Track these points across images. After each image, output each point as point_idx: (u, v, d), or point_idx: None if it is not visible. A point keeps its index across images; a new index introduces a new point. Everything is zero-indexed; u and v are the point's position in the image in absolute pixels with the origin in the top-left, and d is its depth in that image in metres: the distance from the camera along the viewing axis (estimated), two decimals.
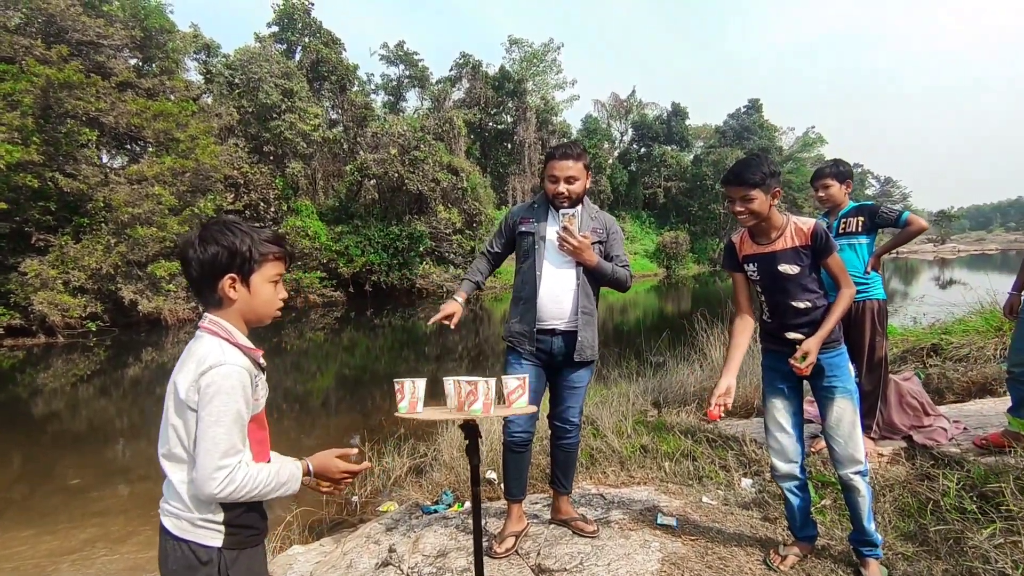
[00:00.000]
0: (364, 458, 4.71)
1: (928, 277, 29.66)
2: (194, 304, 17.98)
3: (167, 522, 1.26)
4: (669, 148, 50.49)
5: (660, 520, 2.69)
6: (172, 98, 19.36)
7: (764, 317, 2.33)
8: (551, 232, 2.51)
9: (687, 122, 52.33)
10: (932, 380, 4.56)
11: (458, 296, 2.59)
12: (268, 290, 1.35)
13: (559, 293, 2.50)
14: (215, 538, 1.24)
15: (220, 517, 1.25)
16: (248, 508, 1.30)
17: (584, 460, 3.60)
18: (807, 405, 3.70)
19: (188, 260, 1.28)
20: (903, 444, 3.23)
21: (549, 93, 42.03)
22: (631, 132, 52.83)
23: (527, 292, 2.54)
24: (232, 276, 1.28)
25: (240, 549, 1.28)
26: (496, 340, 14.19)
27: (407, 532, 2.84)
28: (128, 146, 20.16)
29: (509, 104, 38.65)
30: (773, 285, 2.22)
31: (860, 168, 68.78)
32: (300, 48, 28.35)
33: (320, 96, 28.19)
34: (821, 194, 3.38)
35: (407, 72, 38.59)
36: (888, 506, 2.65)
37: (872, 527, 2.18)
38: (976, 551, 2.18)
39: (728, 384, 2.18)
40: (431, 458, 4.46)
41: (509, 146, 39.32)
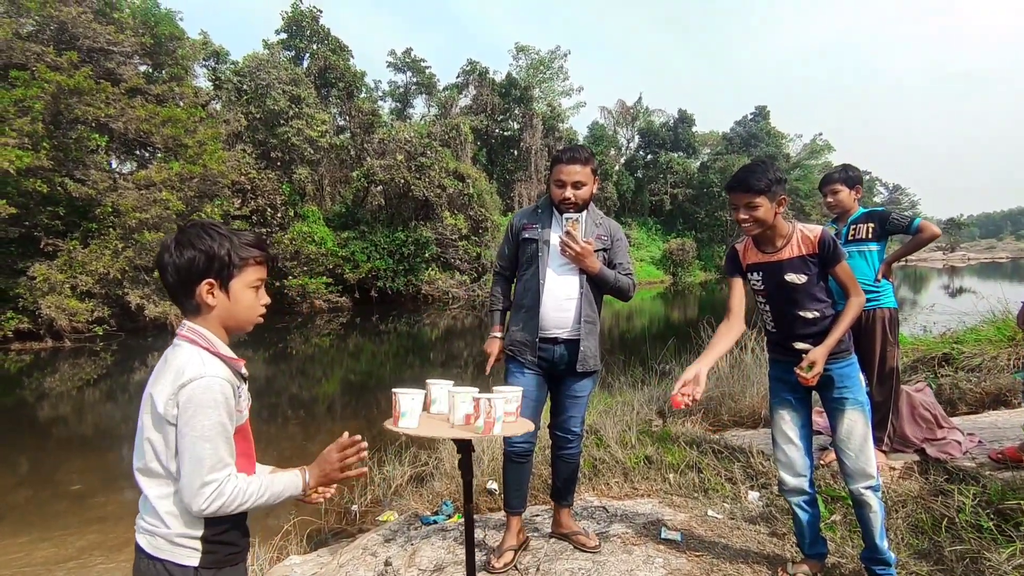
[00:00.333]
0: (365, 466, 4.66)
1: (938, 285, 29.37)
2: None
3: (142, 540, 1.20)
4: (676, 155, 50.43)
5: (664, 534, 2.61)
6: (181, 104, 19.49)
7: (768, 327, 2.26)
8: (555, 238, 2.46)
9: (694, 129, 52.29)
10: (944, 391, 4.47)
11: (495, 332, 2.59)
12: (249, 296, 1.28)
13: (562, 301, 2.45)
14: (192, 557, 1.18)
15: (198, 534, 1.19)
16: (230, 525, 1.24)
17: (587, 471, 3.52)
18: (816, 416, 3.62)
19: (164, 265, 1.22)
20: (916, 457, 3.14)
21: (556, 100, 42.16)
22: (637, 139, 52.82)
23: (530, 300, 2.48)
24: (210, 282, 1.22)
25: (218, 568, 1.21)
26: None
27: (404, 544, 2.78)
28: (137, 152, 20.33)
29: (516, 111, 38.72)
30: (779, 295, 2.15)
31: (869, 175, 68.46)
32: (308, 55, 28.54)
33: (327, 102, 28.34)
34: (830, 199, 3.30)
35: (414, 79, 38.80)
36: (901, 522, 2.57)
37: (885, 544, 2.11)
38: (995, 572, 2.09)
39: (696, 371, 2.02)
40: (432, 467, 4.40)
41: (515, 153, 39.36)
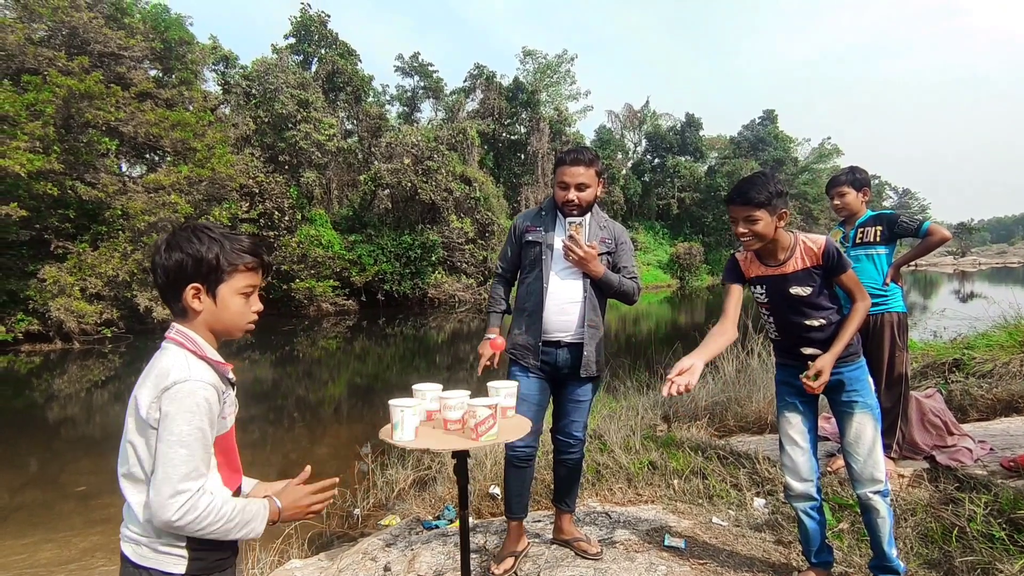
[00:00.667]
0: (368, 470, 4.65)
1: (948, 290, 29.09)
2: None
3: (127, 548, 1.17)
4: (683, 159, 50.29)
5: (668, 542, 2.57)
6: (190, 108, 19.67)
7: (773, 336, 2.23)
8: (558, 241, 2.43)
9: (701, 133, 52.15)
10: (954, 397, 4.40)
11: (491, 334, 2.53)
12: (237, 303, 1.27)
13: (566, 305, 2.42)
14: (179, 564, 1.15)
15: (184, 541, 1.15)
16: None
17: (590, 476, 3.49)
18: (823, 422, 3.56)
19: (154, 266, 1.21)
20: (925, 465, 3.09)
21: (563, 104, 42.12)
22: (644, 143, 52.74)
23: (532, 303, 2.46)
24: (196, 286, 1.21)
25: (207, 575, 1.19)
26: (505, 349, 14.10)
27: (405, 549, 2.75)
28: (146, 155, 20.51)
29: (523, 115, 38.79)
30: (784, 307, 2.12)
31: (877, 180, 67.99)
32: (316, 59, 28.74)
33: (335, 107, 28.50)
34: (837, 202, 3.26)
35: (422, 83, 38.93)
36: (910, 531, 2.52)
37: (893, 552, 2.07)
38: None
39: (693, 362, 1.91)
40: (435, 471, 4.38)
41: (522, 156, 39.39)
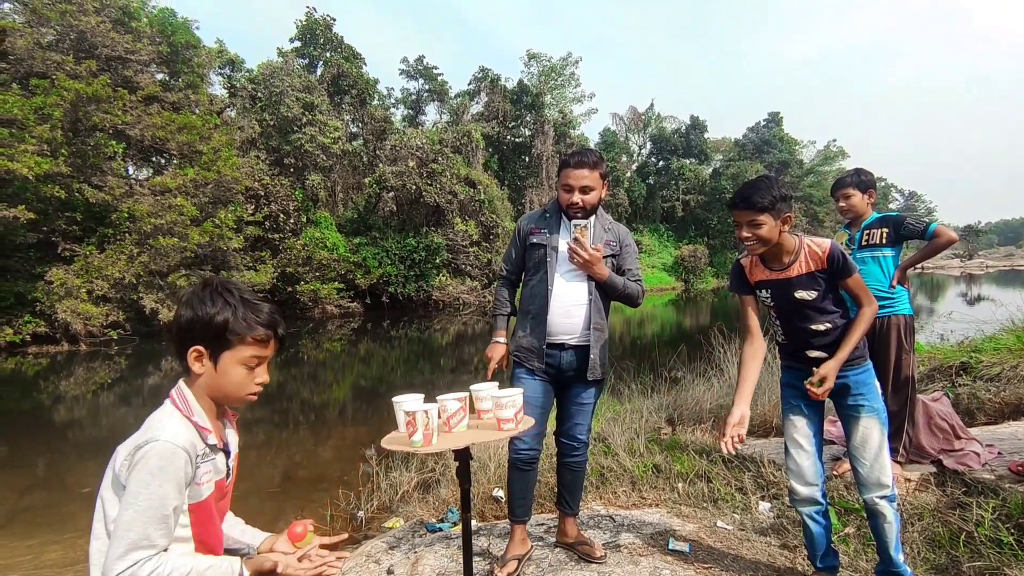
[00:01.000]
0: (372, 472, 4.64)
1: (955, 293, 28.88)
2: None
3: None
4: (688, 161, 50.25)
5: (672, 545, 2.56)
6: (196, 111, 19.79)
7: (779, 339, 2.22)
8: (563, 244, 2.43)
9: (706, 135, 52.07)
10: (962, 400, 4.36)
11: (498, 337, 2.56)
12: (239, 373, 1.20)
13: (570, 307, 2.42)
14: None
15: None
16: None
17: (594, 479, 3.47)
18: (828, 425, 3.54)
19: (175, 316, 1.19)
20: (932, 469, 3.06)
21: (567, 107, 42.13)
22: (649, 145, 52.71)
23: (537, 306, 2.45)
24: (198, 349, 1.17)
25: None
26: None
27: (408, 552, 2.75)
28: (153, 158, 20.63)
29: (527, 117, 38.82)
30: (790, 311, 2.11)
31: (884, 182, 67.72)
32: (322, 63, 28.86)
33: (340, 109, 28.60)
34: (842, 204, 3.24)
35: (426, 86, 39.04)
36: (917, 536, 2.49)
37: (900, 558, 2.04)
38: None
39: (742, 413, 2.06)
40: (439, 473, 4.37)
41: (527, 159, 39.40)
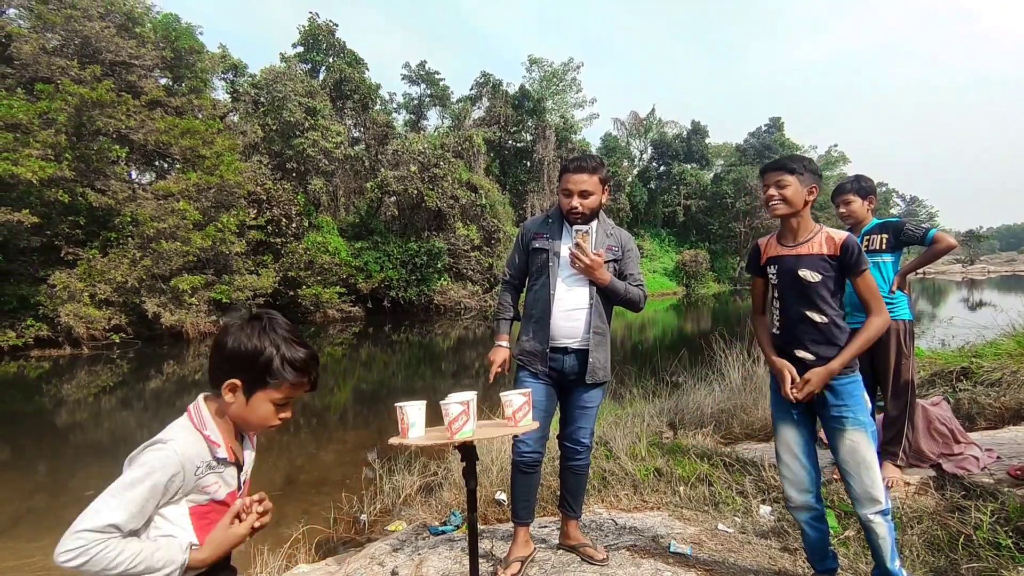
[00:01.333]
0: (375, 476, 4.67)
1: (957, 298, 28.88)
2: (215, 318, 18.27)
3: None
4: (689, 166, 50.37)
5: (673, 548, 2.58)
6: (199, 116, 19.88)
7: (774, 330, 2.20)
8: (565, 249, 2.46)
9: (707, 140, 52.23)
10: (962, 405, 4.38)
11: (501, 342, 2.59)
12: (267, 409, 1.24)
13: (572, 311, 2.45)
14: None
15: None
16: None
17: (596, 482, 3.50)
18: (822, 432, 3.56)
19: (217, 342, 1.21)
20: (932, 473, 3.09)
21: (568, 112, 42.26)
22: (650, 150, 52.86)
23: (540, 310, 2.49)
24: (234, 383, 1.20)
25: None
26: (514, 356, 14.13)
27: (412, 554, 2.78)
28: (156, 162, 20.73)
29: (528, 122, 38.93)
30: (791, 290, 2.09)
31: (885, 187, 67.77)
32: (324, 68, 28.96)
33: (343, 114, 28.70)
34: (843, 210, 3.28)
35: (428, 91, 39.19)
36: (916, 539, 2.52)
37: (897, 566, 2.02)
38: None
39: (782, 362, 2.12)
40: (441, 477, 4.39)
41: (528, 164, 39.51)
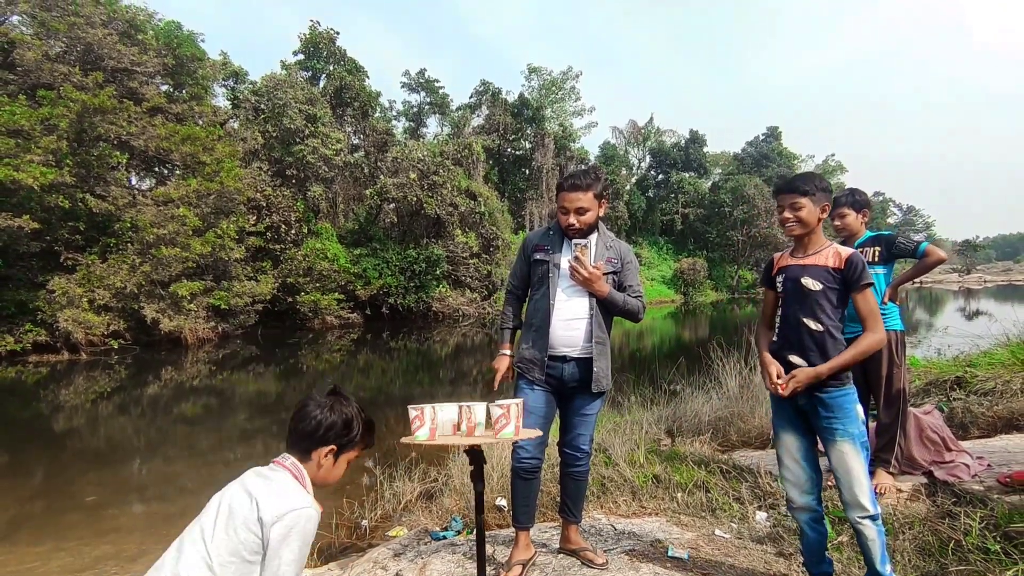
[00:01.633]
0: (376, 482, 4.71)
1: (953, 308, 29.03)
2: (214, 324, 18.27)
3: None
4: (687, 175, 50.64)
5: (671, 552, 2.63)
6: (200, 123, 19.98)
7: (773, 337, 2.30)
8: (565, 261, 2.52)
9: (705, 149, 52.53)
10: (956, 414, 4.45)
11: (504, 350, 2.65)
12: (343, 468, 1.48)
13: (572, 321, 2.51)
14: None
15: None
16: None
17: (595, 489, 3.55)
18: None
19: (306, 415, 1.40)
20: (924, 480, 3.14)
21: (567, 120, 42.55)
22: (649, 159, 53.13)
23: (539, 320, 2.54)
24: (333, 448, 1.41)
25: None
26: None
27: (415, 558, 2.82)
28: (156, 168, 20.80)
29: (527, 131, 39.17)
30: (793, 297, 2.20)
31: (881, 196, 68.13)
32: (325, 75, 29.11)
33: (343, 122, 28.83)
34: (837, 223, 3.36)
35: (428, 99, 39.42)
36: (908, 544, 2.57)
37: (887, 569, 2.09)
38: None
39: (769, 361, 2.21)
40: (441, 483, 4.43)
41: (527, 172, 39.71)
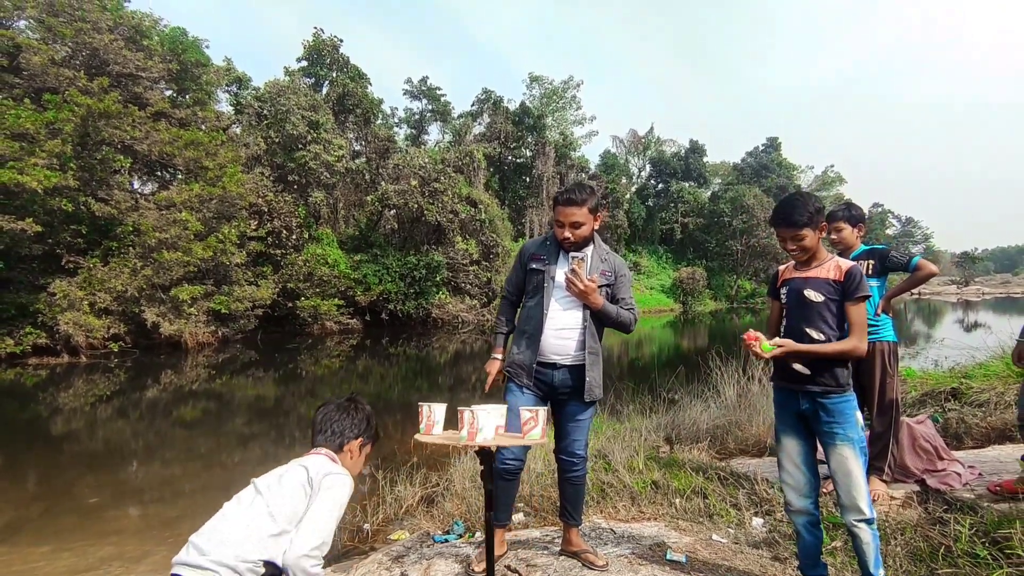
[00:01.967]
0: (377, 486, 4.76)
1: (951, 319, 29.13)
2: (214, 328, 18.30)
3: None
4: (687, 184, 50.89)
5: (669, 556, 2.69)
6: (203, 128, 20.11)
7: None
8: (559, 273, 2.57)
9: (705, 159, 52.85)
10: (951, 424, 4.51)
11: (496, 354, 2.71)
12: (363, 461, 1.70)
13: (563, 331, 2.56)
14: None
15: (260, 570, 1.37)
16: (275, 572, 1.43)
17: (595, 494, 3.61)
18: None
19: (332, 417, 1.65)
20: (916, 488, 3.21)
21: (568, 128, 42.80)
22: (649, 168, 53.42)
23: (532, 327, 2.59)
24: (363, 440, 1.63)
25: None
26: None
27: (418, 560, 2.87)
28: (159, 173, 20.91)
29: (528, 139, 39.42)
30: (796, 308, 2.28)
31: (880, 208, 68.30)
32: (327, 82, 29.32)
33: (345, 128, 29.00)
34: (833, 236, 3.43)
35: (430, 106, 39.67)
36: (899, 549, 2.64)
37: (880, 573, 2.15)
38: None
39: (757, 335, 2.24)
40: (443, 488, 4.48)
41: (527, 179, 39.92)
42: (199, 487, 6.15)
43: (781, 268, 2.46)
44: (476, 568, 2.55)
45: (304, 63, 29.33)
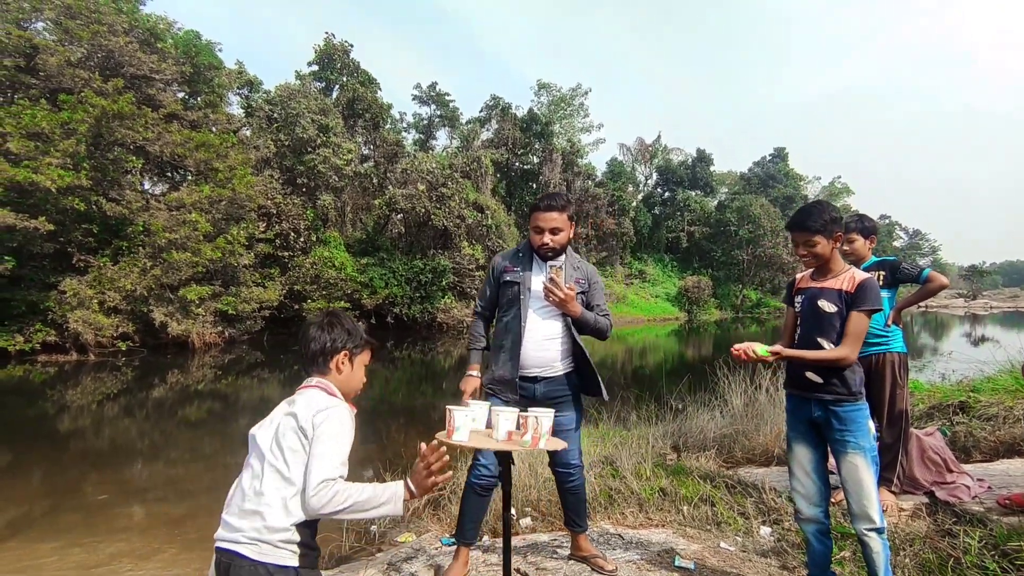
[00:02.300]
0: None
1: (959, 333, 28.95)
2: (221, 329, 18.40)
3: (246, 550, 1.38)
4: (693, 193, 50.88)
5: (678, 562, 2.70)
6: (214, 130, 20.29)
7: None
8: (536, 282, 2.55)
9: (712, 168, 52.82)
10: (959, 438, 4.50)
11: (472, 371, 2.68)
12: (361, 372, 1.71)
13: (543, 342, 2.54)
14: (292, 559, 1.41)
15: (297, 539, 1.41)
16: (313, 532, 1.46)
17: (603, 500, 3.62)
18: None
19: (311, 337, 1.60)
20: (925, 499, 3.21)
21: (575, 136, 42.99)
22: (655, 176, 53.43)
23: (511, 341, 2.56)
24: (347, 351, 1.62)
25: (311, 568, 1.45)
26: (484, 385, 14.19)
27: (427, 561, 2.90)
28: (169, 174, 21.09)
29: (536, 145, 39.51)
30: (810, 318, 2.30)
31: (888, 220, 68.18)
32: (338, 86, 29.55)
33: (354, 132, 29.16)
34: (846, 247, 3.45)
35: (438, 112, 39.88)
36: (908, 561, 2.64)
37: None
38: None
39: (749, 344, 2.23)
40: (449, 491, 4.50)
41: (534, 186, 39.96)
42: (204, 487, 6.19)
43: (798, 276, 2.47)
44: None
45: (315, 67, 29.60)
